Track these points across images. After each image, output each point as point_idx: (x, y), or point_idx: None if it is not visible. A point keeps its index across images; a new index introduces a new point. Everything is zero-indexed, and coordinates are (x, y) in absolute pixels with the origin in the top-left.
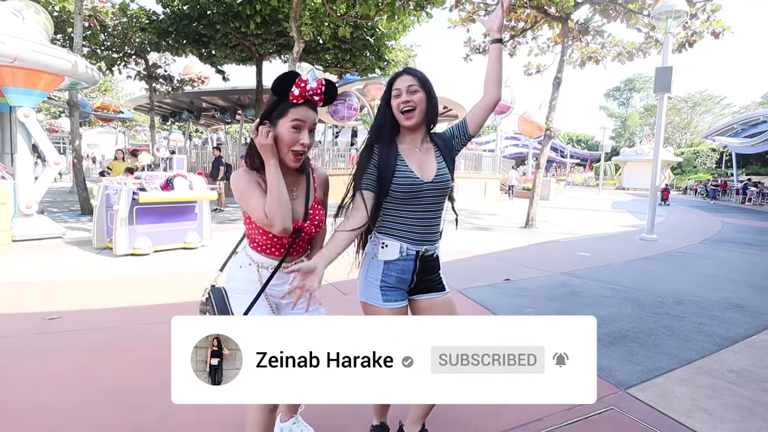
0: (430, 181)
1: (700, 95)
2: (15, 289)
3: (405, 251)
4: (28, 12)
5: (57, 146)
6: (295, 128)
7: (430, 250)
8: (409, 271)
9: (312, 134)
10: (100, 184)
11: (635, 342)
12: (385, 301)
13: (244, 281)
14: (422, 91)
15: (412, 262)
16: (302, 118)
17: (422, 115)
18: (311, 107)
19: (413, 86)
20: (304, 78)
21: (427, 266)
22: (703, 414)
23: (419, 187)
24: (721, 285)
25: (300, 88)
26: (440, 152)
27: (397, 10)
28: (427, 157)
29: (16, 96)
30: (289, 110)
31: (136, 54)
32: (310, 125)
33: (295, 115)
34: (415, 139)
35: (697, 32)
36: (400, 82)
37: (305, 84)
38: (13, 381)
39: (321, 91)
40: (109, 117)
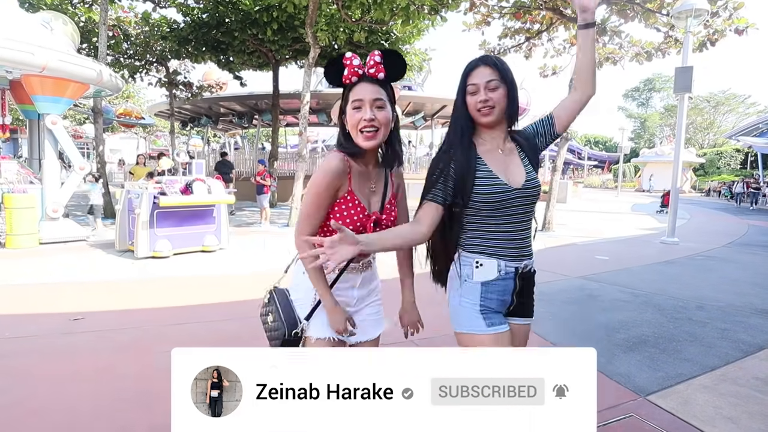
0: (519, 187)
1: (723, 94)
2: (41, 290)
3: (504, 269)
4: (56, 23)
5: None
6: (355, 108)
7: (529, 265)
8: (509, 292)
9: (381, 109)
10: (123, 189)
11: (656, 348)
12: (489, 326)
13: (306, 291)
14: (503, 86)
15: (512, 280)
16: (359, 96)
17: (503, 113)
18: (372, 82)
19: (493, 81)
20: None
21: (526, 284)
22: (728, 423)
23: (507, 194)
24: (746, 290)
25: (347, 66)
26: (525, 153)
27: (412, 15)
28: (512, 160)
29: (44, 104)
30: (348, 94)
31: (158, 62)
32: (371, 100)
33: (353, 96)
34: (495, 138)
35: (719, 30)
36: (476, 77)
37: (350, 61)
38: (40, 380)
39: (375, 62)
40: (131, 123)
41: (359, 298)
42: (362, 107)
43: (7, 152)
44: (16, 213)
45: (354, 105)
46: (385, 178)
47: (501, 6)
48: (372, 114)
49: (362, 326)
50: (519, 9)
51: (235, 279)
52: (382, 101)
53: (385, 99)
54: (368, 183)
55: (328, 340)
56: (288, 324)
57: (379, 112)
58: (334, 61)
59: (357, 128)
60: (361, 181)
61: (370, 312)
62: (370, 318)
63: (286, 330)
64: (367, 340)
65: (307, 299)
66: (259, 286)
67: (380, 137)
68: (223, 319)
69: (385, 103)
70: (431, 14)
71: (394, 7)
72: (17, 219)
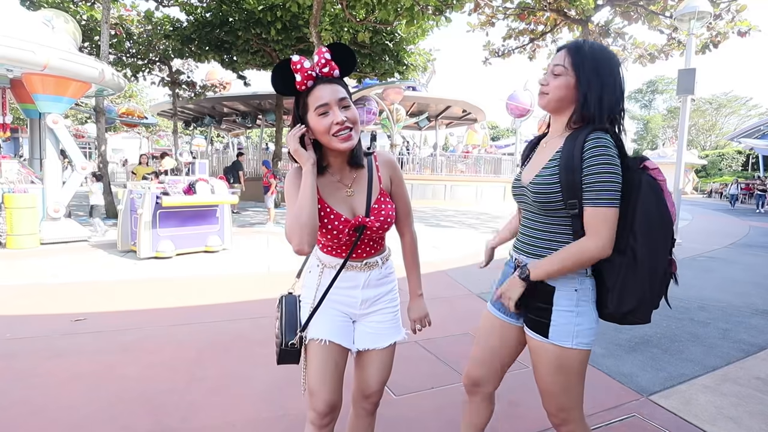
0: (525, 185)
1: (725, 96)
2: (43, 291)
3: (511, 255)
4: (58, 21)
5: (83, 151)
6: (321, 115)
7: (525, 260)
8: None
9: (348, 108)
10: (125, 189)
11: (658, 348)
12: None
13: (308, 290)
14: (571, 76)
15: (511, 268)
16: (323, 101)
17: (555, 103)
18: (330, 82)
19: (559, 66)
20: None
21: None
22: (729, 422)
23: (517, 189)
24: (747, 290)
25: (298, 71)
26: (561, 160)
27: (416, 15)
28: (542, 156)
29: (45, 103)
30: (307, 100)
31: (160, 61)
32: (336, 101)
33: (314, 102)
34: (555, 128)
35: (721, 33)
36: (555, 58)
37: (300, 64)
38: (41, 380)
39: (327, 60)
40: (133, 122)
41: (365, 301)
42: (329, 111)
43: (8, 152)
44: (16, 213)
45: (319, 111)
46: (368, 179)
47: (505, 7)
48: (342, 115)
49: (370, 334)
50: (523, 10)
51: (238, 280)
52: (346, 99)
53: (348, 97)
54: (343, 189)
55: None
56: (287, 334)
57: (347, 112)
58: (279, 67)
59: (329, 133)
60: (333, 190)
61: (381, 320)
62: (381, 326)
63: (282, 340)
64: (374, 349)
65: (308, 300)
66: (262, 287)
67: (355, 136)
68: (226, 320)
69: (349, 101)
70: (436, 15)
71: (399, 7)
72: (18, 219)
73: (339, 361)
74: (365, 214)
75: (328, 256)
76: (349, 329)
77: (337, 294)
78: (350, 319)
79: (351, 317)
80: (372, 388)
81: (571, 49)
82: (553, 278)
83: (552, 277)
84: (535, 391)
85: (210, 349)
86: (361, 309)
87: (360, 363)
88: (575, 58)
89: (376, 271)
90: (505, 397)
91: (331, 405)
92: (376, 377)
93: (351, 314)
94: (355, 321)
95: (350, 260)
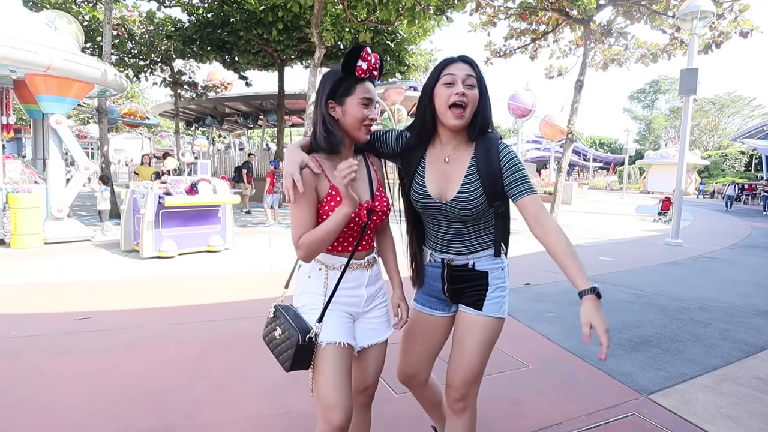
0: (446, 201)
1: (728, 96)
2: (47, 290)
3: (432, 257)
4: (61, 22)
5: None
6: (364, 105)
7: (457, 260)
8: (438, 278)
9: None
10: (128, 189)
11: (658, 348)
12: (415, 300)
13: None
14: (477, 90)
15: (439, 269)
16: (369, 95)
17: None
18: (372, 82)
19: (471, 78)
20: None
21: (459, 276)
22: (728, 421)
23: (432, 206)
24: (748, 291)
25: (367, 62)
26: (478, 169)
27: (418, 15)
28: (454, 171)
29: (48, 103)
30: (356, 87)
31: (162, 61)
32: (375, 101)
33: (363, 92)
34: (450, 141)
35: (724, 33)
36: (456, 68)
37: (370, 57)
38: (46, 379)
39: (379, 66)
40: (136, 123)
41: (368, 298)
42: (369, 106)
43: (12, 152)
44: (20, 213)
45: (362, 102)
46: (366, 167)
47: (507, 7)
48: (374, 113)
49: (371, 330)
50: (525, 10)
51: (240, 279)
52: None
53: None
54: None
55: (338, 344)
56: (301, 330)
57: (374, 112)
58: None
59: (361, 123)
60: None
61: (379, 314)
62: (379, 320)
63: (299, 336)
64: (376, 344)
65: (317, 302)
66: (264, 286)
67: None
68: (229, 319)
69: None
70: (437, 15)
71: (400, 7)
72: (22, 219)
73: (350, 365)
74: (371, 200)
75: (331, 255)
76: (352, 329)
77: (343, 295)
78: (352, 319)
79: (353, 317)
80: (368, 381)
81: (472, 63)
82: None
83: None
84: (536, 390)
85: (212, 347)
86: (364, 307)
87: (359, 359)
88: (477, 70)
89: (375, 267)
90: (507, 396)
91: (350, 417)
92: (373, 370)
93: (354, 313)
94: (356, 320)
95: (355, 258)
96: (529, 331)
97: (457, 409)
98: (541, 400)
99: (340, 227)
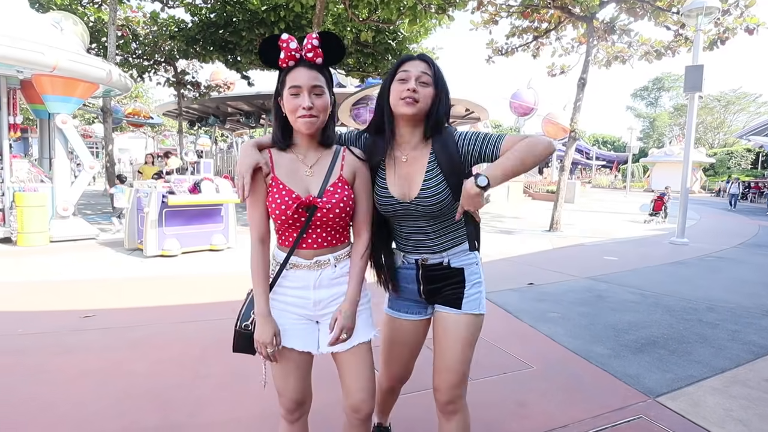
0: (410, 201)
1: (733, 93)
2: (52, 288)
3: (405, 259)
4: (66, 23)
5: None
6: (293, 95)
7: (431, 259)
8: (412, 280)
9: (320, 96)
10: (132, 188)
11: (665, 349)
12: (389, 307)
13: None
14: (433, 87)
15: (413, 270)
16: (297, 83)
17: (424, 111)
18: (310, 67)
19: (425, 75)
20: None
21: (435, 276)
22: (738, 425)
23: (396, 207)
24: (757, 291)
25: (283, 49)
26: (438, 164)
27: (419, 14)
28: (415, 170)
29: (54, 103)
30: (285, 78)
31: (166, 61)
32: (310, 87)
33: (290, 81)
34: (407, 140)
35: (729, 29)
36: (410, 66)
37: (286, 43)
38: (50, 376)
39: (313, 46)
40: (139, 122)
41: (318, 302)
42: (300, 94)
43: (18, 151)
44: (27, 211)
45: (291, 91)
46: (331, 162)
47: (509, 5)
48: (310, 102)
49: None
50: (527, 8)
51: (242, 277)
52: (321, 88)
53: (323, 85)
54: (303, 168)
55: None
56: (242, 316)
57: (317, 99)
58: (269, 41)
59: (295, 114)
60: (292, 167)
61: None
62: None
63: (237, 321)
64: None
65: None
66: None
67: (318, 123)
68: (232, 317)
69: (324, 89)
70: (438, 13)
71: (402, 6)
72: (28, 217)
73: (300, 363)
74: (318, 194)
75: (279, 249)
76: (309, 331)
77: (288, 295)
78: (311, 321)
79: (310, 318)
80: (355, 397)
81: (428, 61)
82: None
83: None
84: (541, 392)
85: (216, 345)
86: (315, 310)
87: (338, 368)
88: (434, 69)
89: (329, 270)
90: (510, 397)
91: (296, 402)
92: (355, 384)
93: (307, 315)
94: (318, 322)
95: (300, 257)
96: (532, 332)
97: (449, 411)
98: (546, 401)
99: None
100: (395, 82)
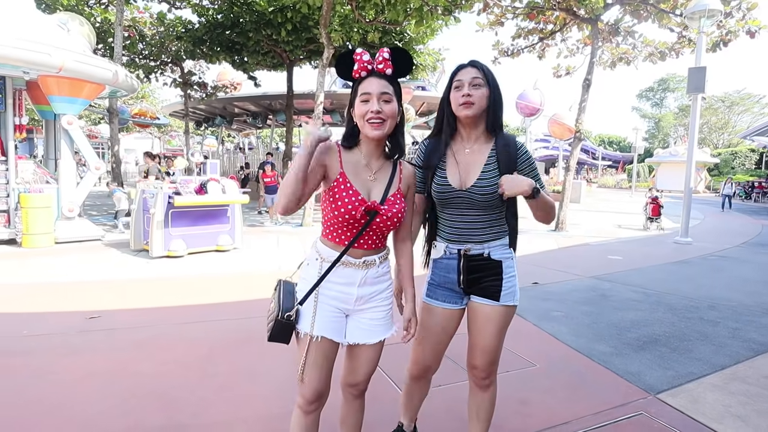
0: (465, 189)
1: (737, 94)
2: (58, 289)
3: (448, 250)
4: (73, 24)
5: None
6: (363, 102)
7: (473, 249)
8: (453, 270)
9: (388, 103)
10: (138, 189)
11: (666, 347)
12: (427, 296)
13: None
14: (486, 87)
15: (455, 260)
16: (367, 90)
17: (481, 110)
18: (380, 77)
19: (477, 79)
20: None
21: (475, 266)
22: (736, 421)
23: (451, 193)
24: (758, 289)
25: (357, 61)
26: (497, 159)
27: (426, 15)
28: (475, 160)
29: (60, 104)
30: (357, 87)
31: (172, 62)
32: (379, 94)
33: (362, 89)
34: (469, 136)
35: (732, 31)
36: (463, 74)
37: (360, 56)
38: (56, 377)
39: (384, 58)
40: (146, 123)
41: (360, 298)
42: (370, 100)
43: (24, 152)
44: (32, 212)
45: (362, 98)
46: (391, 173)
47: (514, 6)
48: (379, 106)
49: (363, 330)
50: (532, 9)
51: (249, 278)
52: (389, 95)
53: (391, 93)
54: (367, 172)
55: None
56: (284, 307)
57: (385, 105)
58: (344, 56)
59: (364, 119)
60: (358, 170)
61: (374, 316)
62: (373, 323)
63: (279, 311)
64: (365, 344)
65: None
66: (272, 286)
67: (386, 128)
68: (237, 318)
69: (392, 97)
70: (444, 15)
71: (408, 7)
72: (33, 218)
73: (329, 354)
74: (380, 201)
75: (329, 247)
76: (341, 324)
77: (332, 290)
78: (343, 314)
79: (344, 312)
80: (358, 379)
81: (478, 66)
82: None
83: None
84: (544, 389)
85: (221, 346)
86: (355, 305)
87: (350, 354)
88: (485, 72)
89: (373, 269)
90: (513, 395)
91: (318, 393)
92: (363, 369)
93: (345, 309)
94: (348, 315)
95: (350, 256)
96: (536, 330)
97: (485, 385)
98: (549, 399)
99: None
100: (452, 90)
